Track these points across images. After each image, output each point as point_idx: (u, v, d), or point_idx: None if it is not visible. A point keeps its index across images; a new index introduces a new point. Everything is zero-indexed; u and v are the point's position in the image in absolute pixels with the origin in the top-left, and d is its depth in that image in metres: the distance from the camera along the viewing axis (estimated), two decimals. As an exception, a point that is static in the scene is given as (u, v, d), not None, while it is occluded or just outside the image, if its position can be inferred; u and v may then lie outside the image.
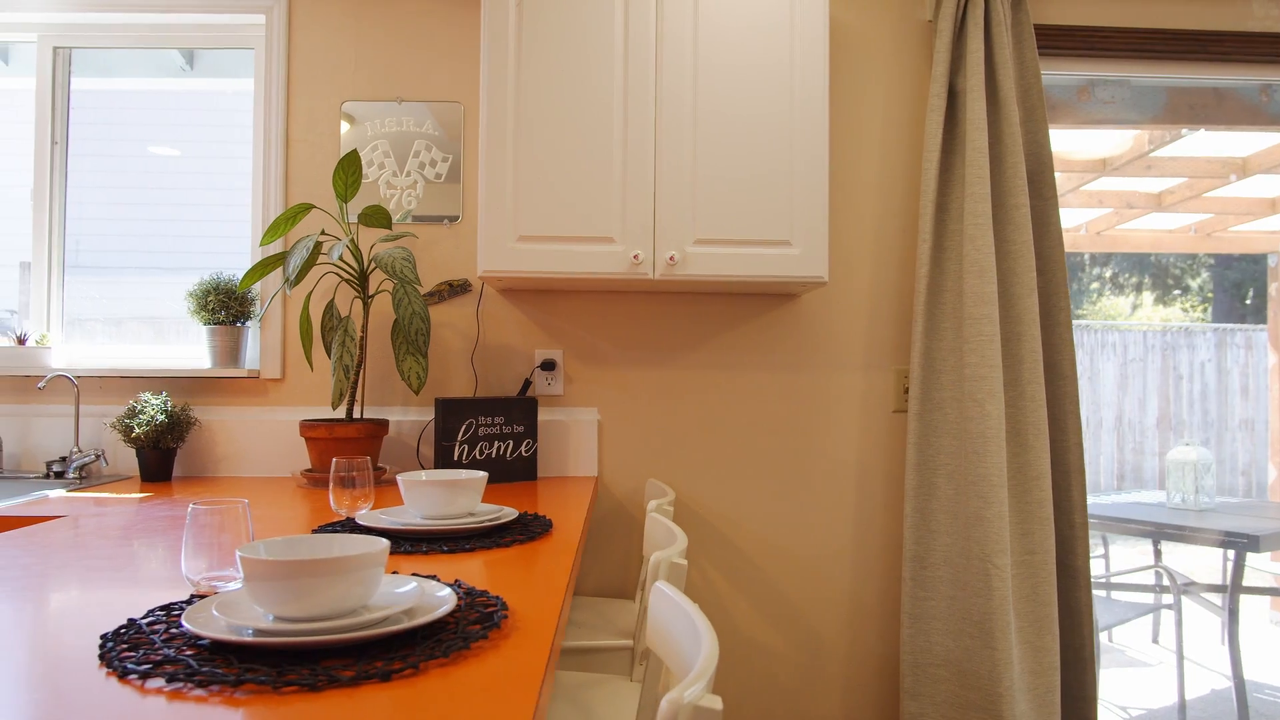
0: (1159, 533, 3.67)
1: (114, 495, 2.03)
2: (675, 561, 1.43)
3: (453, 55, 2.43)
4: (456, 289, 2.42)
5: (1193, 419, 7.87)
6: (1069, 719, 2.32)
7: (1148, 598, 4.11)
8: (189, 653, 0.90)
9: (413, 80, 2.43)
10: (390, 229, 2.22)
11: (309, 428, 2.16)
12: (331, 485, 1.76)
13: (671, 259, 2.08)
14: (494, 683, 0.84)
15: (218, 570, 1.17)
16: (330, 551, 1.05)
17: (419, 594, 1.02)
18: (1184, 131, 3.28)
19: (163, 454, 2.25)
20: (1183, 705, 3.46)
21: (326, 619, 0.95)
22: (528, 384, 2.39)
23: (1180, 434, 7.74)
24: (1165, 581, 3.98)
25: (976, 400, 2.22)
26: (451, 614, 1.02)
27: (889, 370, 2.46)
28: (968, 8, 2.35)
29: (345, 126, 2.43)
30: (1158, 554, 4.25)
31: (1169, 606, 3.85)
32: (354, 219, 2.31)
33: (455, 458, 2.19)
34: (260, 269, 2.17)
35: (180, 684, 0.82)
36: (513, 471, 2.26)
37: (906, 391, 2.45)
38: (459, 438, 2.19)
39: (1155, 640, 4.39)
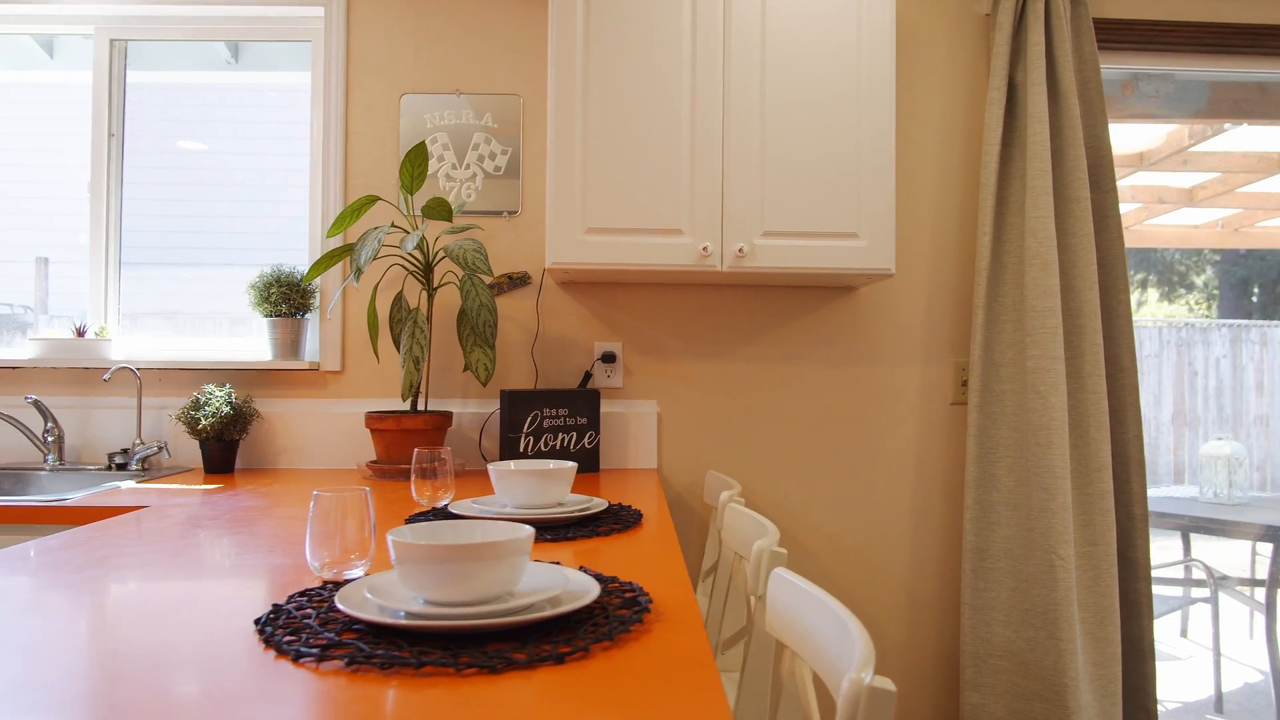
0: (1194, 527, 3.69)
1: (185, 486, 2.03)
2: (775, 550, 1.44)
3: (511, 48, 2.43)
4: (516, 281, 2.42)
5: (1208, 415, 7.88)
6: (1129, 710, 2.33)
7: (1177, 591, 4.12)
8: (351, 636, 0.90)
9: (471, 73, 2.43)
10: (451, 221, 2.22)
11: (376, 419, 2.16)
12: (414, 476, 1.76)
13: (740, 251, 2.09)
14: (668, 664, 0.85)
15: (341, 557, 1.18)
16: (477, 537, 1.05)
17: (564, 580, 1.02)
18: (1226, 126, 3.28)
19: (226, 446, 2.25)
20: (1219, 698, 3.48)
21: (479, 603, 0.95)
22: (588, 376, 2.39)
23: (1196, 430, 7.76)
24: (1196, 575, 4.00)
25: (1039, 393, 2.23)
26: (597, 599, 1.03)
27: (947, 363, 2.46)
28: (1027, 1, 2.35)
29: (404, 119, 2.43)
30: (1187, 548, 4.26)
31: (1204, 600, 3.87)
32: (415, 211, 2.32)
33: (521, 449, 2.19)
34: (326, 260, 2.17)
35: (358, 666, 0.83)
36: (576, 463, 2.26)
37: (964, 384, 2.46)
38: (525, 429, 2.20)
39: (1184, 634, 4.41)
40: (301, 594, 1.07)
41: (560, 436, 2.25)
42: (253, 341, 2.54)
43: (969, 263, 2.48)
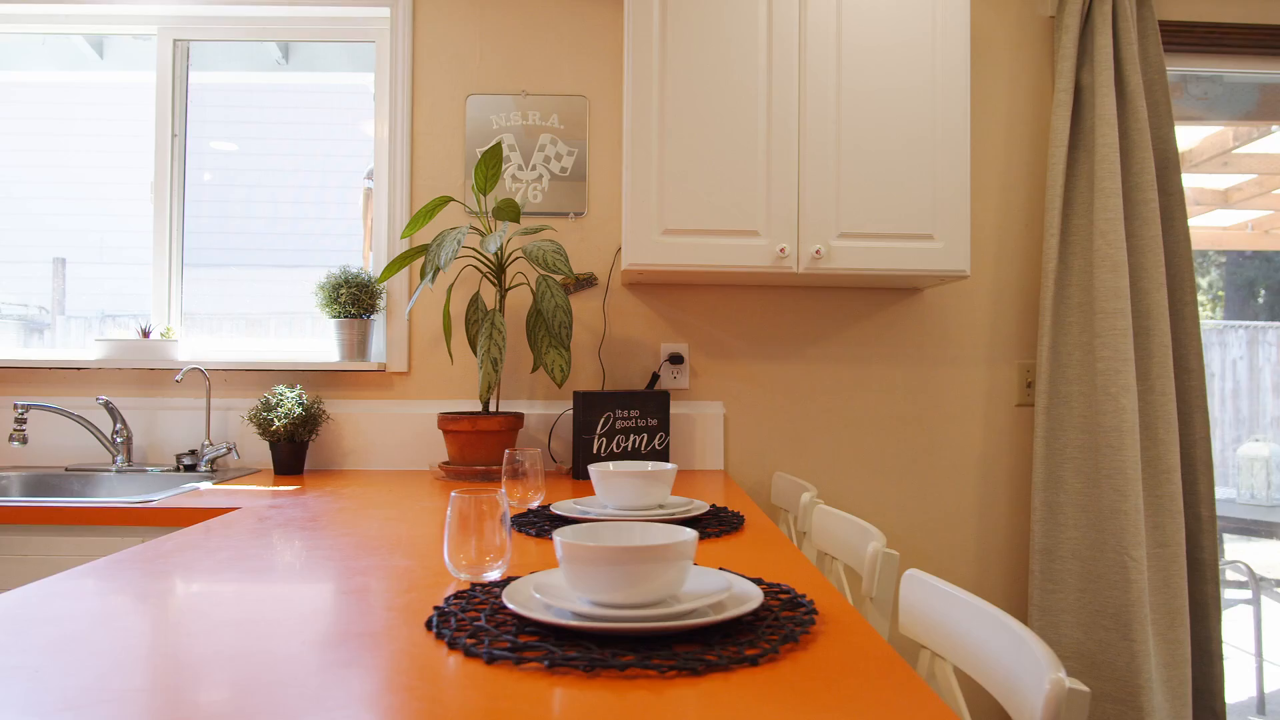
0: (1234, 528, 3.69)
1: (263, 488, 2.03)
2: (888, 552, 1.44)
3: (578, 48, 2.43)
4: (582, 283, 2.42)
5: (1224, 416, 7.90)
6: (1198, 713, 2.34)
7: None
8: (531, 638, 0.90)
9: (537, 73, 2.43)
10: (518, 222, 2.22)
11: (451, 420, 2.16)
12: (505, 477, 1.76)
13: (818, 253, 2.09)
14: (859, 664, 0.85)
15: (477, 558, 1.18)
16: (636, 539, 1.05)
17: (727, 583, 1.02)
18: (1273, 128, 3.29)
19: (296, 447, 2.25)
20: (1261, 700, 3.48)
21: (649, 605, 0.95)
22: (655, 377, 2.39)
23: (1216, 432, 7.76)
24: (1234, 577, 4.00)
25: (1110, 394, 2.23)
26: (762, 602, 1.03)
27: (1012, 364, 2.47)
28: (1094, 3, 2.36)
29: (470, 119, 2.43)
30: (1221, 550, 4.26)
31: (1245, 602, 3.88)
32: (486, 212, 2.31)
33: (594, 450, 2.19)
34: (401, 260, 2.17)
35: (557, 668, 0.83)
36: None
37: (1029, 385, 2.47)
38: (598, 431, 2.20)
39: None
40: (457, 596, 1.07)
41: (632, 438, 2.25)
42: (308, 342, 2.54)
43: (1032, 264, 2.48)
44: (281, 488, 2.03)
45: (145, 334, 2.41)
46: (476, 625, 0.95)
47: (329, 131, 2.75)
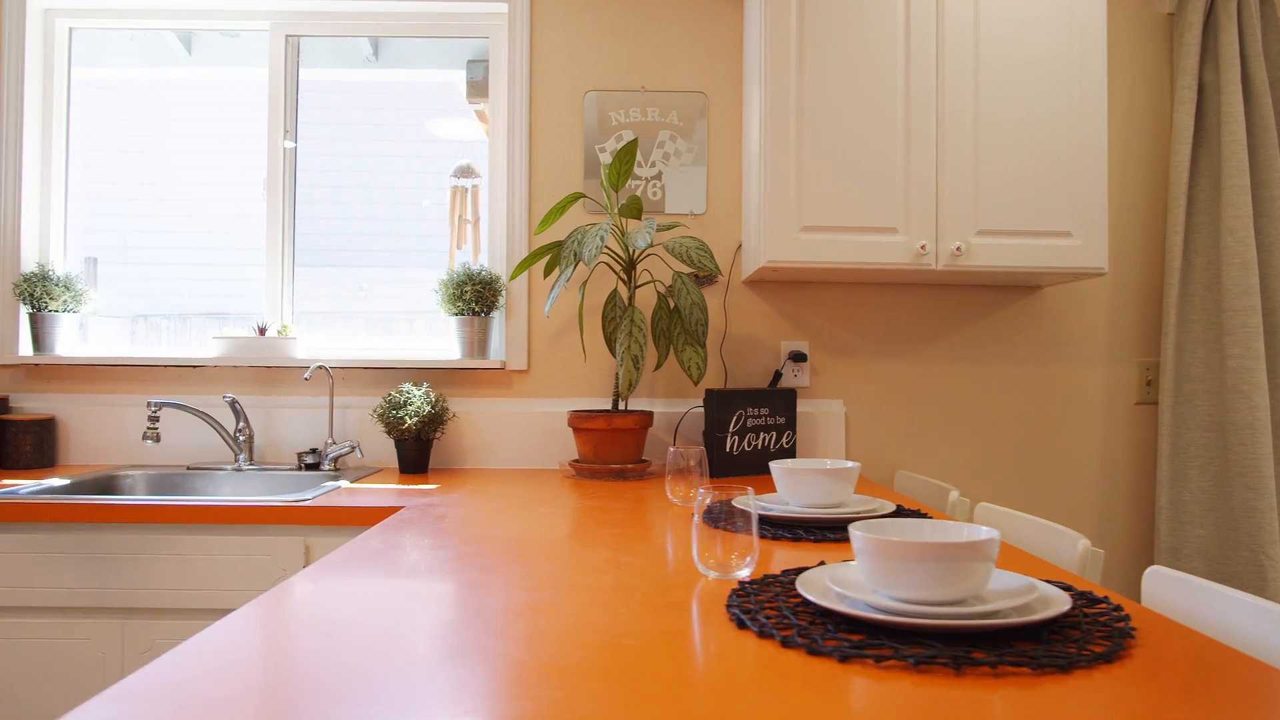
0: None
1: (405, 486, 2.01)
2: (1095, 550, 1.43)
3: (695, 44, 2.42)
4: (703, 280, 2.40)
5: None
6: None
7: None
8: (858, 636, 0.89)
9: (655, 70, 2.42)
10: (639, 219, 2.20)
11: (585, 419, 2.14)
12: (669, 475, 1.75)
13: (958, 249, 2.08)
14: (1208, 661, 0.83)
15: (724, 557, 1.17)
16: (935, 536, 1.04)
17: (1030, 584, 1.00)
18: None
19: (422, 445, 2.23)
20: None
21: (956, 603, 0.94)
22: (778, 375, 2.37)
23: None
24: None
25: (1242, 392, 2.22)
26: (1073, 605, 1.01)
27: (1131, 363, 2.46)
28: (1217, 1, 2.35)
29: (587, 115, 2.41)
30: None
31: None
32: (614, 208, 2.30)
33: (727, 449, 2.18)
34: (535, 257, 2.16)
35: (925, 665, 0.81)
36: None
37: (1148, 383, 2.46)
38: (730, 429, 2.19)
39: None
40: (740, 593, 1.05)
41: (761, 436, 2.23)
42: (409, 340, 2.52)
43: (1150, 261, 2.47)
44: (422, 486, 2.01)
45: (262, 331, 2.39)
46: (790, 620, 0.93)
47: (414, 131, 2.73)
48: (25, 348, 2.39)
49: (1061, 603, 0.94)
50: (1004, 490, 2.43)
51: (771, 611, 0.98)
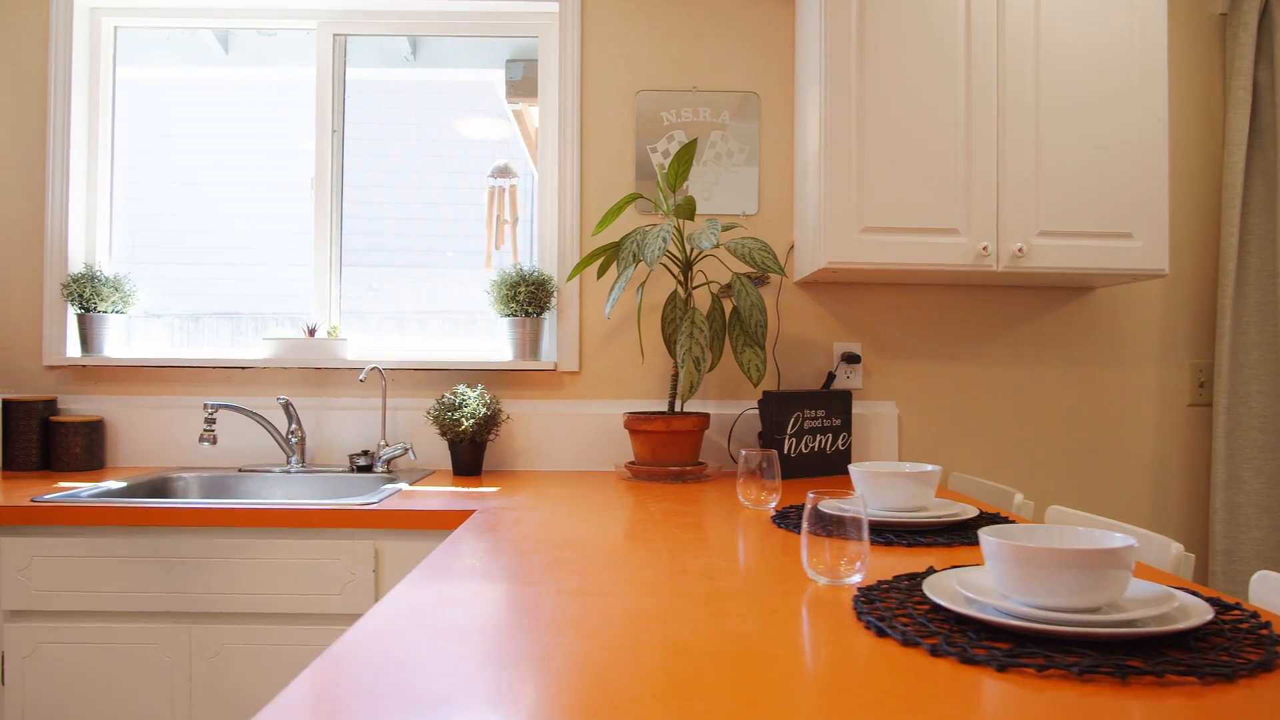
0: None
1: (465, 489, 1.99)
2: (1186, 554, 1.42)
3: (747, 44, 2.40)
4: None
5: None
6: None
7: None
8: (1002, 644, 0.88)
9: (706, 69, 2.40)
10: (693, 219, 2.19)
11: (643, 420, 2.13)
12: (741, 477, 1.74)
13: (1020, 250, 2.07)
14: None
15: (833, 563, 1.16)
16: (1078, 543, 1.03)
17: (1168, 592, 0.99)
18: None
19: (477, 448, 2.22)
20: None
21: (1089, 610, 0.93)
22: (831, 377, 2.36)
23: None
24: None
25: (1300, 394, 2.21)
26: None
27: (1183, 364, 2.45)
28: (1272, 1, 2.34)
29: (638, 115, 2.40)
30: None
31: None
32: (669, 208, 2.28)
33: (785, 451, 2.17)
34: (593, 257, 2.14)
35: (1090, 674, 0.80)
36: (831, 465, 2.24)
37: (1201, 385, 2.45)
38: (788, 431, 2.17)
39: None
40: (863, 597, 1.04)
41: (818, 438, 2.22)
42: (451, 341, 2.50)
43: (1202, 263, 2.46)
44: (482, 489, 1.99)
45: (311, 332, 2.37)
46: (927, 625, 0.92)
47: (451, 131, 2.71)
48: (73, 349, 2.37)
49: (1203, 611, 0.93)
50: (1056, 492, 2.42)
51: (904, 618, 0.97)
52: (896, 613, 0.99)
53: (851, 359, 2.38)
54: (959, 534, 1.48)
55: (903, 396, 2.41)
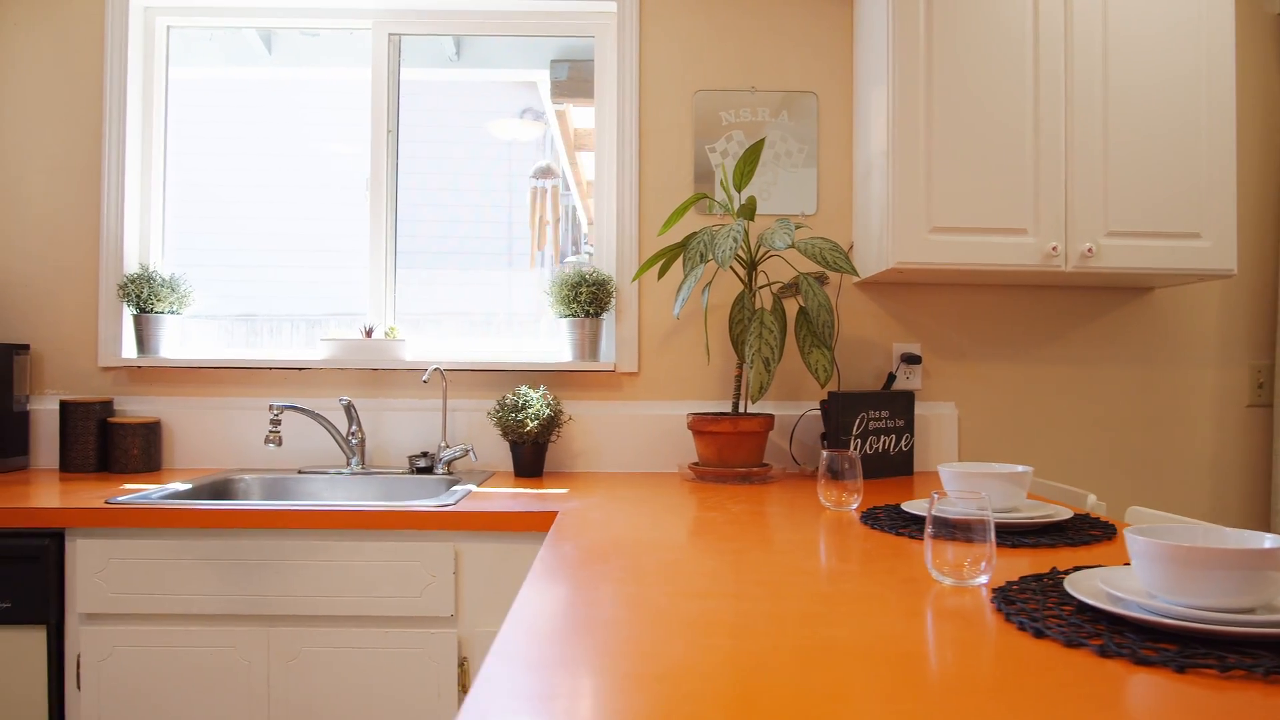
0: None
1: (530, 490, 1.98)
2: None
3: (805, 44, 2.40)
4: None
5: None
6: None
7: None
8: (1168, 646, 0.87)
9: (764, 69, 2.39)
10: (753, 219, 2.18)
11: (710, 421, 2.12)
12: (822, 478, 1.73)
13: (1089, 250, 2.06)
14: None
15: (956, 564, 1.14)
16: (1225, 543, 1.01)
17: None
18: None
19: (539, 449, 2.20)
20: None
21: (1244, 611, 0.92)
22: (892, 378, 2.35)
23: None
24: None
25: (1365, 394, 2.21)
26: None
27: (1242, 364, 2.44)
28: (1332, 0, 2.34)
29: (697, 115, 2.39)
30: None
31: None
32: (734, 208, 2.27)
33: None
34: (659, 257, 2.13)
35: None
36: (893, 466, 2.23)
37: (1260, 386, 2.44)
38: (854, 431, 2.16)
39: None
40: (1002, 598, 1.03)
41: (882, 439, 2.21)
42: (510, 342, 2.49)
43: (1262, 263, 2.45)
44: (551, 490, 1.98)
45: (368, 333, 2.36)
46: (1076, 622, 0.91)
47: (493, 132, 2.70)
48: (129, 350, 2.36)
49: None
50: (1114, 492, 2.41)
51: (1053, 619, 0.96)
52: (1045, 614, 0.98)
53: (911, 359, 2.37)
54: (1058, 535, 1.47)
55: (961, 397, 2.40)
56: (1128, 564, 1.24)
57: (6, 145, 2.35)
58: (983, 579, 1.14)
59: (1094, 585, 1.03)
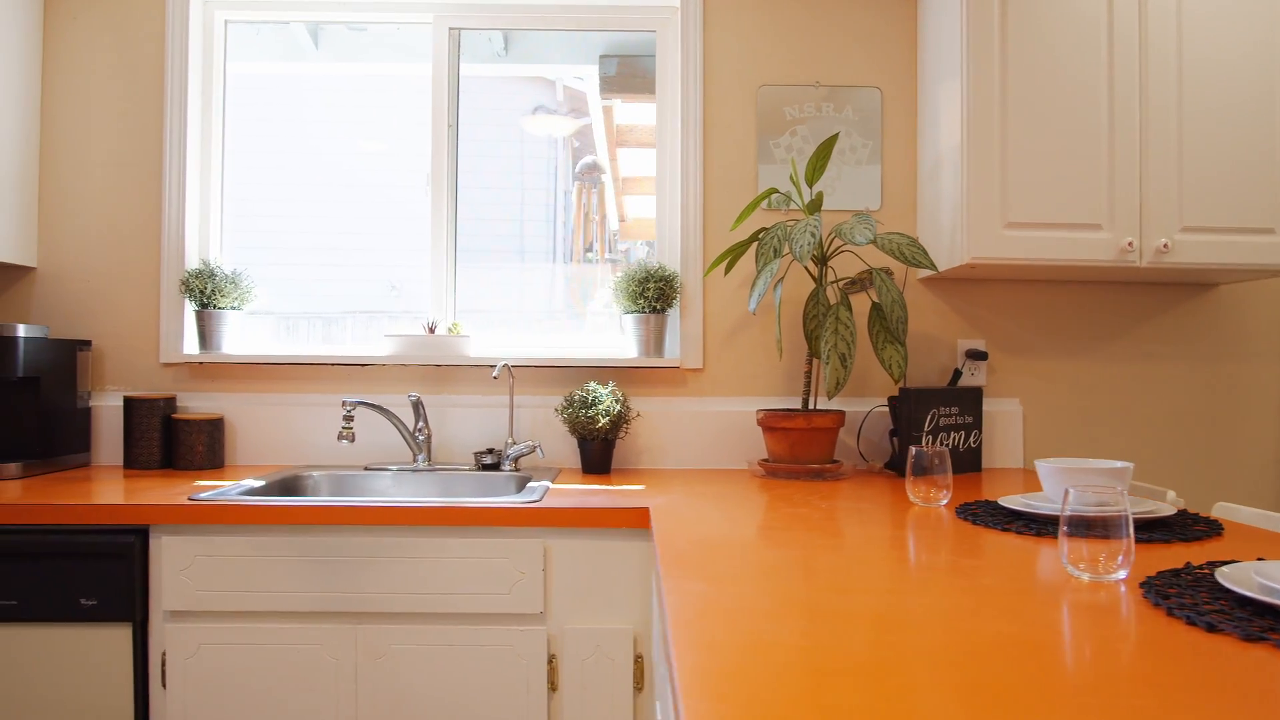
0: None
1: (604, 487, 1.97)
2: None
3: (869, 39, 2.39)
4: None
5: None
6: None
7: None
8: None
9: (829, 64, 2.38)
10: (819, 214, 2.16)
11: (783, 418, 2.11)
12: (910, 474, 1.72)
13: (1164, 246, 2.05)
14: None
15: (1091, 558, 1.14)
16: None
17: None
18: None
19: (608, 445, 2.19)
20: None
21: None
22: (958, 374, 2.35)
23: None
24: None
25: None
26: None
27: (1306, 361, 2.44)
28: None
29: (760, 110, 2.38)
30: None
31: None
32: (803, 203, 2.26)
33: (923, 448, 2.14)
34: (731, 251, 2.13)
35: None
36: (963, 462, 2.22)
37: (1324, 382, 2.44)
38: (925, 428, 2.16)
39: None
40: (1156, 593, 1.02)
41: (951, 435, 2.20)
42: (567, 338, 2.48)
43: (1325, 260, 2.45)
44: (625, 487, 1.97)
45: (431, 329, 2.35)
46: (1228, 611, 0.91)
47: (525, 128, 2.68)
48: (190, 346, 2.34)
49: None
50: (1181, 490, 2.40)
51: (1216, 614, 0.95)
52: (1204, 607, 0.97)
53: (977, 355, 2.36)
54: (1168, 531, 1.46)
55: (1026, 393, 2.39)
56: (1260, 559, 1.24)
57: (67, 140, 2.34)
58: (1121, 574, 1.13)
59: (1247, 577, 1.02)
